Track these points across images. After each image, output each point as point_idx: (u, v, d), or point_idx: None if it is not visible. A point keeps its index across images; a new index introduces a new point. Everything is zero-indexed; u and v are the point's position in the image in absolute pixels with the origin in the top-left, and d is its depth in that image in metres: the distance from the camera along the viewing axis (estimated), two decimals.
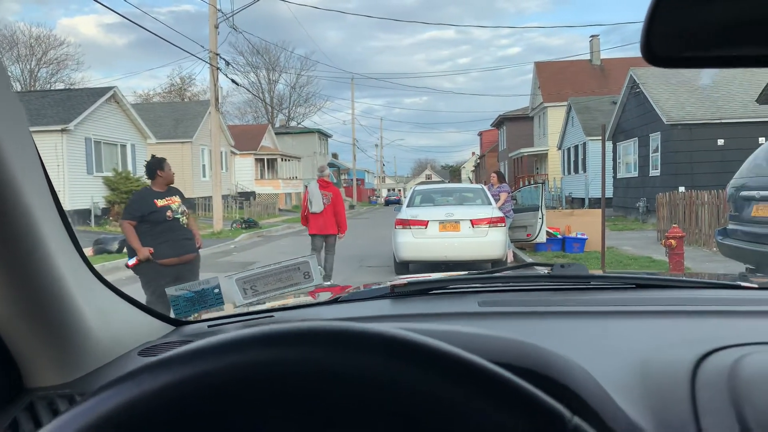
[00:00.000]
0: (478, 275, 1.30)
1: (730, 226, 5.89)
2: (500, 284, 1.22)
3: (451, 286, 1.21)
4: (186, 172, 22.74)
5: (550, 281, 1.22)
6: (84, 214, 16.86)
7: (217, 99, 16.81)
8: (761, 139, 13.32)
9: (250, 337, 0.39)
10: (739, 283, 1.15)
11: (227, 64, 17.99)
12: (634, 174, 17.83)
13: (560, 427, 0.36)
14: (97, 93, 18.66)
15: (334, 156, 50.88)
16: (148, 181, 4.78)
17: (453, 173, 71.81)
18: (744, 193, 5.51)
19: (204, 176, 24.84)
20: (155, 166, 4.77)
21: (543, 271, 1.27)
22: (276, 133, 37.40)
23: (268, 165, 33.30)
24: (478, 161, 51.71)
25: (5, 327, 0.78)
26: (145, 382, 0.38)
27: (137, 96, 41.99)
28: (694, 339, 0.74)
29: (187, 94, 42.58)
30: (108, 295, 0.95)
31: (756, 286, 1.12)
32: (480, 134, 52.07)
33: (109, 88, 18.88)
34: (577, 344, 0.67)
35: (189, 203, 5.38)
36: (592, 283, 1.16)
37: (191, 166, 23.87)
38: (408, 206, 9.24)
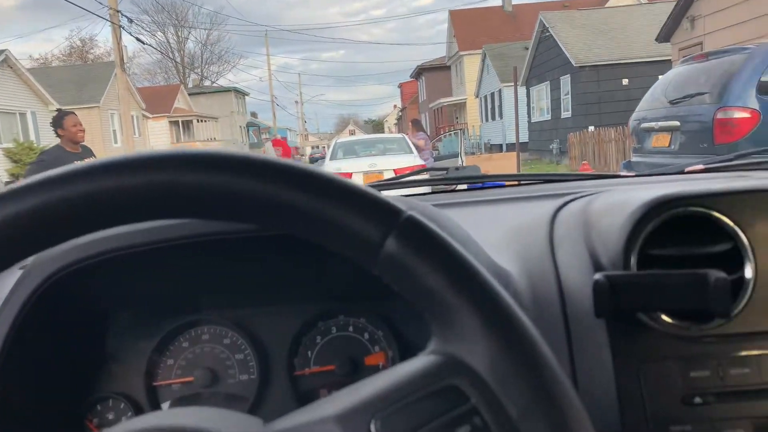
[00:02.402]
0: (379, 183, 1.36)
1: (634, 158, 6.26)
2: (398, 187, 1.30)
3: None
4: (96, 139, 21.48)
5: (448, 182, 1.31)
6: None
7: (122, 59, 15.83)
8: (660, 77, 14.05)
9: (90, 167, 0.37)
10: (618, 173, 1.24)
11: (130, 21, 16.93)
12: (548, 117, 18.43)
13: (395, 218, 0.38)
14: None
15: (253, 115, 49.40)
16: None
17: (376, 127, 71.52)
18: (644, 125, 5.85)
19: (116, 142, 23.59)
20: (54, 122, 4.36)
21: (439, 174, 1.37)
22: (190, 94, 35.79)
23: (183, 127, 31.94)
24: (401, 114, 51.72)
25: None
26: None
27: (33, 60, 38.91)
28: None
29: (89, 56, 39.85)
30: None
31: (632, 174, 1.23)
32: (400, 86, 51.90)
33: (0, 52, 17.42)
34: (465, 224, 0.73)
35: None
36: (485, 181, 1.26)
37: (101, 132, 22.57)
38: (331, 159, 9.18)
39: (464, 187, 1.36)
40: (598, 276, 0.55)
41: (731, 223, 0.60)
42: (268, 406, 0.78)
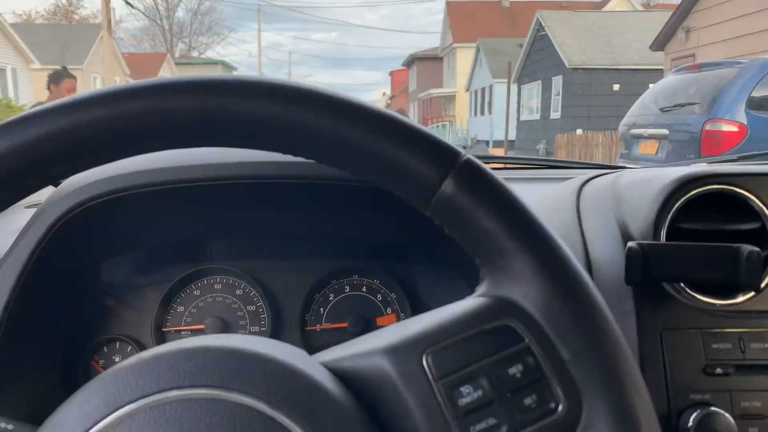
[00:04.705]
0: None
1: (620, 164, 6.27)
2: None
3: None
4: None
5: None
6: None
7: (109, 22, 15.47)
8: (650, 85, 14.15)
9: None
10: (623, 165, 1.27)
11: None
12: (536, 117, 18.46)
13: (454, 159, 0.37)
14: None
15: None
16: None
17: None
18: (633, 131, 5.85)
19: None
20: (53, 78, 4.37)
21: None
22: (176, 64, 35.19)
23: None
24: (390, 102, 51.56)
25: None
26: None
27: (16, 16, 37.89)
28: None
29: (75, 17, 38.92)
30: None
31: (637, 167, 1.25)
32: (391, 74, 51.63)
33: None
34: None
35: None
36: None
37: None
38: None
39: None
40: (632, 244, 0.57)
41: (759, 203, 0.62)
42: None
